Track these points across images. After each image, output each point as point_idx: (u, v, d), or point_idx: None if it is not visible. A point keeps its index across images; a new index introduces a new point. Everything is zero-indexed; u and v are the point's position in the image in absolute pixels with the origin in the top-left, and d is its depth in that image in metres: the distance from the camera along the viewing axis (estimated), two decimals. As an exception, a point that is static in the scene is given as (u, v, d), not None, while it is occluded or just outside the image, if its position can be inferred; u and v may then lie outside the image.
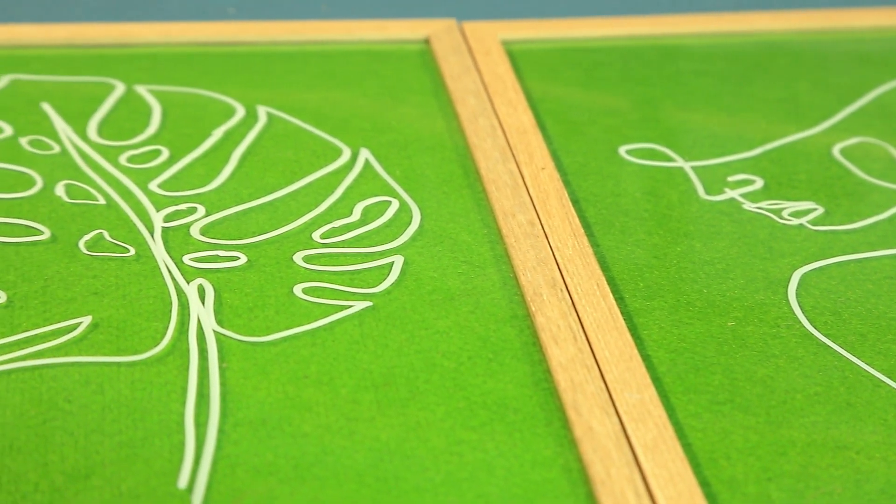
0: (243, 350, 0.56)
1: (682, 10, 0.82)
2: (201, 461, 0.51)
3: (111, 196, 0.64)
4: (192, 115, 0.70)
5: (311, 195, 0.65)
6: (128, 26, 0.75)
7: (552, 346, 0.56)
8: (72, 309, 0.57)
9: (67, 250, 0.60)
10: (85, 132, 0.68)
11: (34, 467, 0.50)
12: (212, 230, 0.62)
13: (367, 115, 0.71)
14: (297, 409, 0.54)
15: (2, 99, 0.70)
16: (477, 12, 0.80)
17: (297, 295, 0.59)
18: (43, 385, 0.54)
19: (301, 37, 0.76)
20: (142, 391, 0.54)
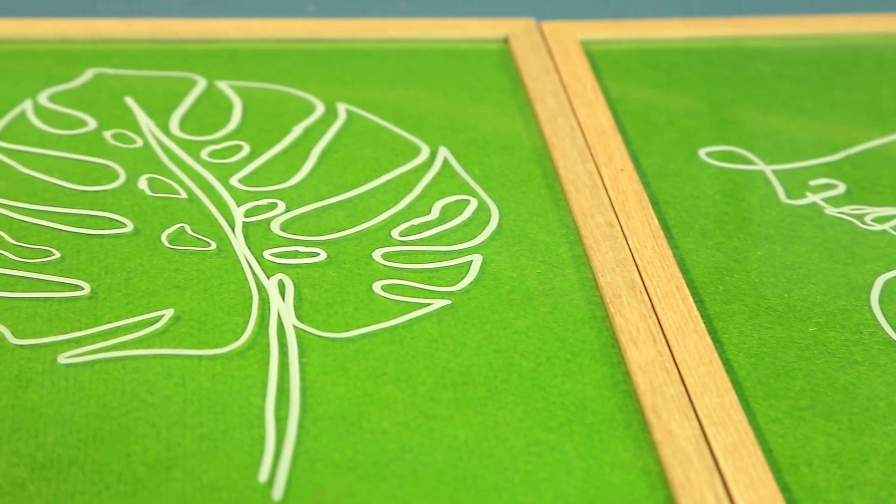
0: (323, 346, 0.56)
1: (761, 12, 0.81)
2: (281, 455, 0.51)
3: (193, 190, 0.64)
4: (272, 111, 0.70)
5: (389, 193, 0.65)
6: (209, 22, 0.76)
7: (631, 348, 0.56)
8: (154, 301, 0.58)
9: (150, 243, 0.61)
10: (167, 126, 0.68)
11: (117, 458, 0.51)
12: (292, 226, 0.63)
13: (445, 113, 0.71)
14: (375, 405, 0.54)
15: (86, 93, 0.70)
16: (556, 12, 0.80)
17: (376, 292, 0.59)
18: (126, 376, 0.54)
19: (380, 35, 0.76)
20: (223, 384, 0.54)
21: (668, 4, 0.83)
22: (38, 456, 0.50)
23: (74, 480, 0.50)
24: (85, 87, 0.71)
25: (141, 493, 0.50)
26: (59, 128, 0.68)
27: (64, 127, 0.68)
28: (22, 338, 0.55)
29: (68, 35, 0.74)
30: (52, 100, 0.69)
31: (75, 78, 0.71)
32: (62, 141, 0.67)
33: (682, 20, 0.79)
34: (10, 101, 0.69)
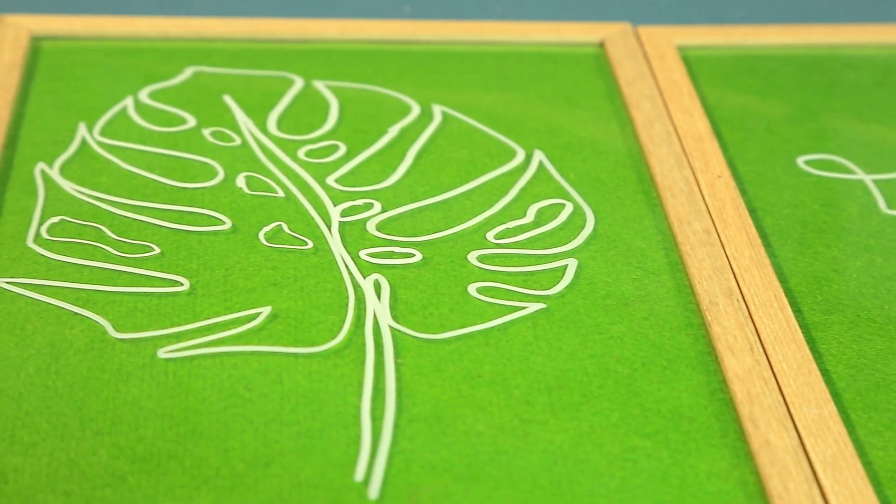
0: (418, 347, 0.57)
1: (860, 19, 0.80)
2: (377, 455, 0.51)
3: (290, 189, 0.65)
4: (368, 111, 0.71)
5: (485, 195, 0.65)
6: (307, 22, 0.76)
7: (728, 356, 0.56)
8: (252, 299, 0.58)
9: (247, 241, 0.62)
10: (265, 125, 0.69)
11: (216, 453, 0.51)
12: (387, 226, 0.63)
13: (540, 116, 0.71)
14: (470, 407, 0.54)
15: (185, 90, 0.71)
16: (652, 17, 0.79)
17: (472, 294, 0.59)
18: (224, 372, 0.55)
19: (475, 37, 0.77)
20: (319, 383, 0.55)
21: (766, 10, 0.82)
22: (139, 449, 0.51)
23: (174, 474, 0.50)
24: (184, 85, 0.72)
25: (239, 489, 0.50)
26: (160, 125, 0.68)
27: (164, 124, 0.68)
28: (123, 332, 0.56)
29: (169, 33, 0.74)
30: (153, 97, 0.70)
31: (175, 76, 0.72)
32: (162, 138, 0.68)
33: (780, 26, 0.78)
34: (112, 97, 0.70)
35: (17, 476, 0.50)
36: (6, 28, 0.72)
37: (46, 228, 0.61)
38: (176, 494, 0.50)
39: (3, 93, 0.68)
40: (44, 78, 0.71)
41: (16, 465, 0.50)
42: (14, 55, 0.71)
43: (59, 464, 0.50)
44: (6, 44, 0.71)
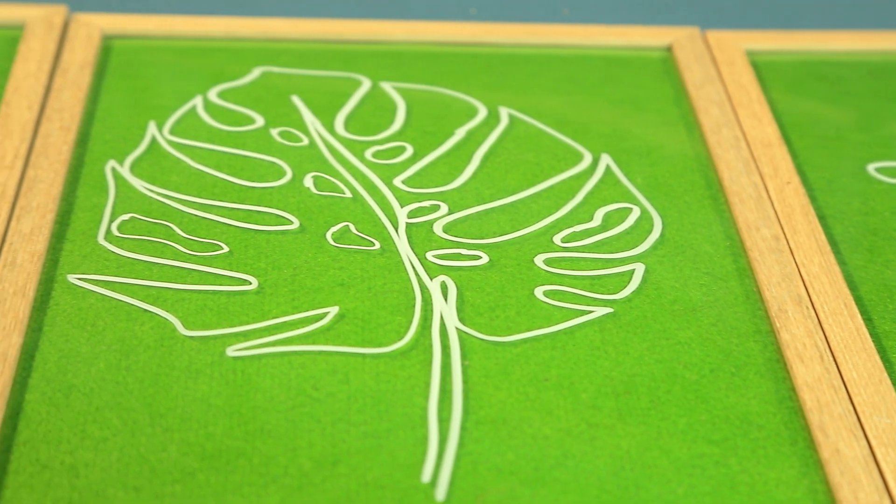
0: (485, 349, 0.57)
1: (932, 25, 0.80)
2: (444, 456, 0.52)
3: (357, 190, 0.65)
4: (435, 113, 0.71)
5: (551, 198, 0.65)
6: (374, 23, 0.76)
7: (797, 364, 0.55)
8: (319, 298, 0.59)
9: (315, 241, 0.62)
10: (332, 126, 0.69)
11: (284, 451, 0.52)
12: (454, 228, 0.63)
13: (607, 120, 0.71)
14: (537, 411, 0.54)
15: (254, 90, 0.71)
16: (721, 21, 0.79)
17: (538, 297, 0.59)
18: (292, 371, 0.55)
19: (542, 40, 0.76)
20: (386, 383, 0.55)
21: (836, 16, 0.81)
22: (208, 446, 0.51)
23: (242, 472, 0.51)
24: (253, 85, 0.72)
25: (307, 488, 0.50)
26: (228, 124, 0.69)
27: (232, 123, 0.69)
28: (192, 329, 0.56)
29: (238, 33, 0.75)
30: (222, 96, 0.71)
31: (244, 76, 0.72)
32: (231, 137, 0.68)
33: (850, 32, 0.78)
34: (182, 96, 0.70)
35: (87, 471, 0.50)
36: (79, 27, 0.73)
37: (117, 226, 0.62)
38: (244, 492, 0.50)
39: (76, 91, 0.69)
40: (115, 76, 0.72)
41: (87, 460, 0.50)
42: (86, 54, 0.71)
43: (130, 459, 0.51)
44: (78, 42, 0.72)
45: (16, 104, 0.67)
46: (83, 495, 0.49)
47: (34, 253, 0.59)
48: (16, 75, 0.69)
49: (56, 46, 0.72)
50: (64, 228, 0.61)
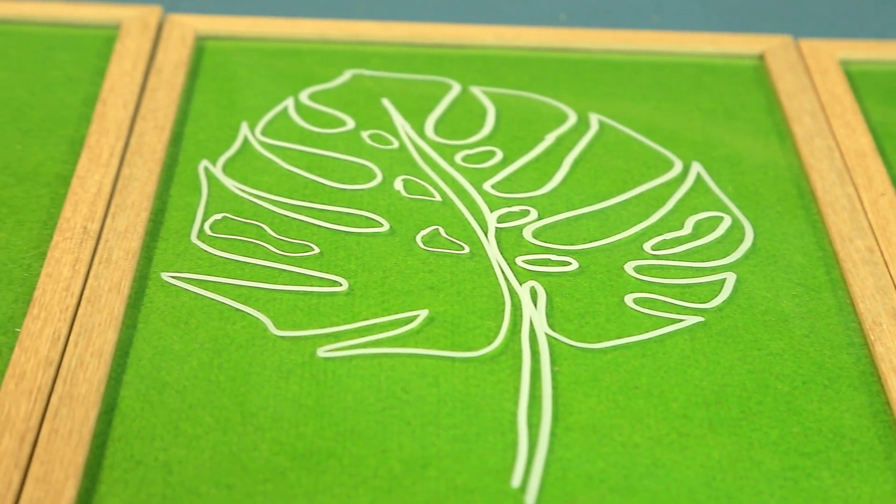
0: (574, 355, 0.56)
1: None
2: (534, 462, 0.51)
3: (447, 193, 0.65)
4: (524, 118, 0.71)
5: (641, 206, 0.65)
6: (464, 28, 0.77)
7: (893, 377, 0.55)
8: (409, 301, 0.59)
9: (405, 244, 0.62)
10: (422, 129, 0.69)
11: (374, 453, 0.52)
12: (544, 234, 0.63)
13: (698, 128, 0.70)
14: (627, 418, 0.54)
15: (344, 93, 0.72)
16: (814, 30, 0.78)
17: (628, 304, 0.59)
18: (382, 373, 0.55)
19: (632, 46, 0.76)
20: (475, 387, 0.55)
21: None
22: (299, 446, 0.52)
23: (333, 472, 0.51)
24: (343, 88, 0.72)
25: (396, 490, 0.50)
26: (319, 126, 0.69)
27: (323, 125, 0.69)
28: (283, 329, 0.57)
29: (329, 36, 0.75)
30: (313, 98, 0.71)
31: (335, 78, 0.73)
32: (321, 139, 0.68)
33: (946, 42, 0.77)
34: (273, 98, 0.71)
35: (181, 467, 0.51)
36: (173, 27, 0.74)
37: (209, 225, 0.62)
38: (335, 492, 0.50)
39: (169, 91, 0.69)
40: (208, 77, 0.72)
41: (180, 457, 0.51)
42: (180, 54, 0.72)
43: (222, 457, 0.51)
44: (172, 43, 0.73)
45: (111, 103, 0.68)
46: (176, 491, 0.50)
47: (129, 250, 0.59)
48: (112, 74, 0.70)
49: (151, 46, 0.73)
50: (158, 227, 0.62)
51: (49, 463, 0.49)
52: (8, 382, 0.52)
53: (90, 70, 0.71)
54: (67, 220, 0.61)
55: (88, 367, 0.54)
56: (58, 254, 0.59)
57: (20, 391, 0.52)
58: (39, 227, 0.61)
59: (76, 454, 0.50)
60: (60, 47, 0.73)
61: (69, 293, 0.57)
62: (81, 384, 0.53)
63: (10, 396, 0.52)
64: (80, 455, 0.50)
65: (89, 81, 0.71)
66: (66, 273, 0.58)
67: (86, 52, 0.73)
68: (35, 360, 0.53)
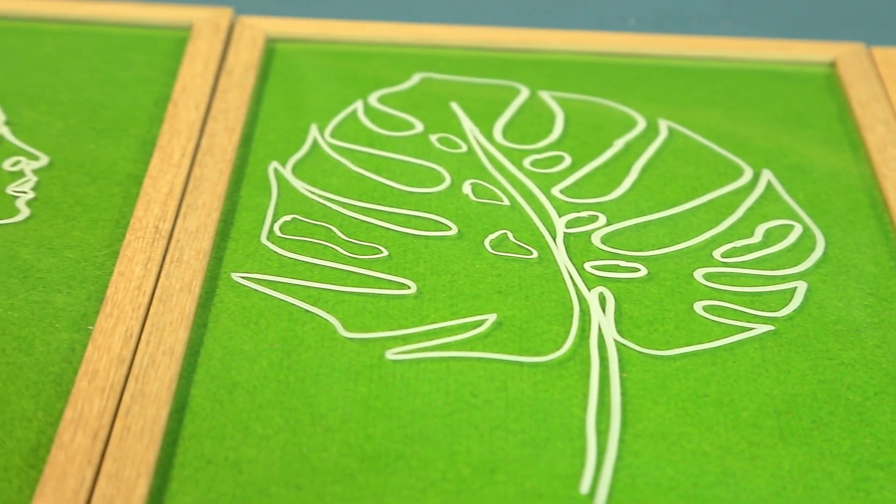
0: (643, 362, 0.56)
1: None
2: (602, 468, 0.51)
3: (515, 198, 0.65)
4: (593, 123, 0.71)
5: (711, 213, 0.65)
6: (533, 32, 0.76)
7: (967, 390, 0.54)
8: (477, 305, 0.59)
9: (473, 248, 0.62)
10: (491, 133, 0.69)
11: (442, 456, 0.52)
12: (612, 239, 0.63)
13: (768, 135, 0.70)
14: (696, 426, 0.53)
15: (413, 96, 0.72)
16: (887, 38, 0.77)
17: (698, 312, 0.59)
18: (450, 377, 0.55)
19: (702, 52, 0.76)
20: (544, 392, 0.55)
21: None
22: (367, 448, 0.52)
23: (401, 475, 0.51)
24: (412, 91, 0.72)
25: (464, 494, 0.50)
26: (388, 129, 0.69)
27: (392, 128, 0.69)
28: (352, 331, 0.57)
29: (398, 39, 0.75)
30: (382, 101, 0.71)
31: (403, 81, 0.73)
32: (390, 142, 0.69)
33: None
34: (343, 100, 0.71)
35: (251, 467, 0.51)
36: (243, 29, 0.74)
37: (279, 226, 0.62)
38: (403, 495, 0.50)
39: (240, 92, 0.70)
40: (277, 79, 0.73)
41: (250, 457, 0.51)
42: (250, 56, 0.73)
43: (291, 457, 0.51)
44: (243, 45, 0.73)
45: (183, 104, 0.69)
46: (246, 491, 0.50)
47: (200, 250, 0.60)
48: (183, 75, 0.71)
49: (222, 48, 0.73)
50: (228, 227, 0.62)
51: (121, 460, 0.50)
52: (81, 379, 0.53)
53: (162, 71, 0.72)
54: (140, 219, 0.61)
55: (160, 365, 0.54)
56: (130, 252, 0.59)
57: (93, 388, 0.53)
58: (112, 226, 0.62)
59: (148, 452, 0.50)
60: (133, 48, 0.74)
61: (141, 292, 0.57)
62: (153, 382, 0.53)
63: (84, 393, 0.52)
64: (152, 453, 0.50)
65: (161, 82, 0.71)
66: (139, 272, 0.58)
67: (158, 53, 0.73)
68: (108, 357, 0.54)
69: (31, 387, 0.53)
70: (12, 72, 0.71)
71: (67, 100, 0.70)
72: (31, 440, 0.51)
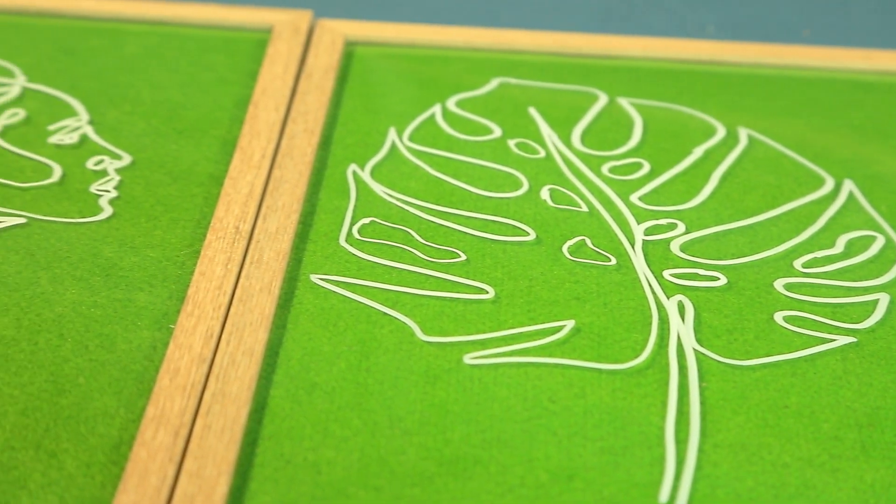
0: (722, 372, 0.56)
1: None
2: (682, 478, 0.51)
3: (593, 204, 0.65)
4: (672, 130, 0.70)
5: (792, 222, 0.64)
6: (611, 38, 0.76)
7: None
8: (555, 311, 0.59)
9: (551, 253, 0.62)
10: (569, 139, 0.69)
11: (520, 462, 0.52)
12: (691, 248, 0.62)
13: (850, 145, 0.69)
14: (776, 437, 0.53)
15: (491, 101, 0.72)
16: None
17: (778, 322, 0.58)
18: (528, 383, 0.55)
19: (782, 61, 0.75)
20: (622, 400, 0.54)
21: None
22: (446, 452, 0.52)
23: (479, 479, 0.51)
24: (490, 96, 0.72)
25: (543, 500, 0.50)
26: (466, 133, 0.69)
27: (470, 133, 0.69)
28: (430, 335, 0.57)
29: (476, 44, 0.75)
30: (460, 105, 0.71)
31: (482, 86, 0.73)
32: (468, 146, 0.69)
33: None
34: (421, 104, 0.71)
35: (329, 468, 0.51)
36: (323, 32, 0.75)
37: (358, 229, 0.63)
38: (482, 499, 0.50)
39: (319, 95, 0.70)
40: (356, 82, 0.73)
41: (329, 458, 0.51)
42: (330, 59, 0.73)
43: (370, 460, 0.51)
44: (323, 48, 0.74)
45: (263, 105, 0.69)
46: (325, 492, 0.50)
47: (279, 251, 0.60)
48: (263, 77, 0.71)
49: (301, 51, 0.73)
50: (307, 229, 0.62)
51: (202, 458, 0.50)
52: (163, 377, 0.53)
53: (242, 73, 0.73)
54: (220, 219, 0.62)
55: (240, 365, 0.54)
56: (211, 253, 0.60)
57: (174, 386, 0.53)
58: (193, 226, 0.62)
59: (228, 451, 0.51)
60: (214, 49, 0.74)
61: (222, 292, 0.58)
62: (233, 382, 0.53)
63: (165, 392, 0.53)
64: (232, 452, 0.51)
65: (241, 84, 0.72)
66: (219, 272, 0.59)
67: (238, 54, 0.74)
68: (189, 356, 0.54)
69: (114, 384, 0.54)
70: (96, 72, 0.72)
71: (149, 100, 0.70)
72: (114, 437, 0.52)
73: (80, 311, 0.57)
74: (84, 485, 0.50)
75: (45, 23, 0.76)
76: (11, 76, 0.71)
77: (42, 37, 0.74)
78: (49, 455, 0.51)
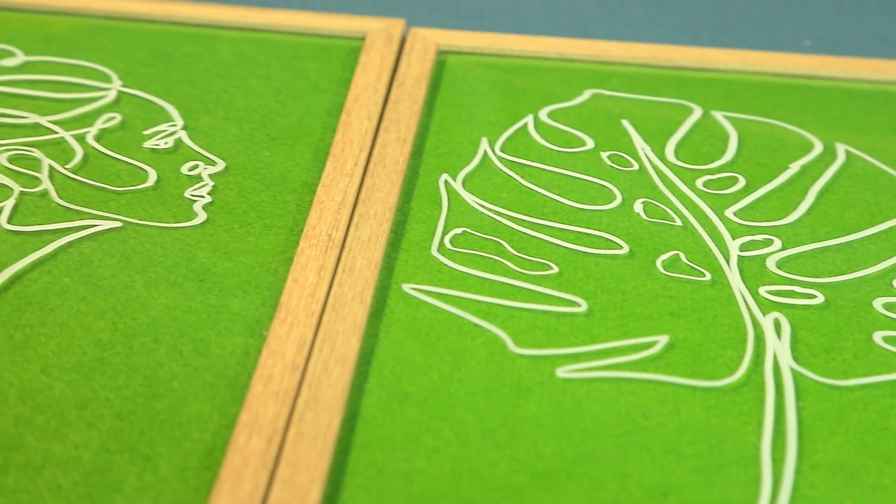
0: (819, 391, 0.55)
1: None
2: (778, 499, 0.50)
3: (687, 218, 0.64)
4: (768, 145, 0.69)
5: (891, 241, 0.63)
6: (706, 51, 0.75)
7: None
8: (648, 326, 0.58)
9: (644, 267, 0.61)
10: (663, 152, 0.68)
11: (613, 478, 0.51)
12: (788, 264, 0.61)
13: (951, 163, 0.68)
14: (875, 459, 0.52)
15: (584, 112, 0.71)
16: None
17: (877, 342, 0.57)
18: (621, 398, 0.54)
19: (883, 76, 0.74)
20: (717, 418, 0.54)
21: None
22: (538, 465, 0.51)
23: (571, 494, 0.50)
24: (583, 107, 0.72)
25: (637, 517, 0.50)
26: (558, 144, 0.69)
27: (563, 144, 0.69)
28: (522, 347, 0.57)
29: (569, 54, 0.75)
30: (552, 116, 0.71)
31: (574, 97, 0.72)
32: (561, 158, 0.68)
33: None
34: (513, 114, 0.71)
35: (421, 479, 0.51)
36: (415, 40, 0.75)
37: (449, 239, 0.62)
38: (575, 515, 0.50)
39: (411, 103, 0.70)
40: (448, 91, 0.73)
41: (420, 468, 0.51)
42: (422, 67, 0.73)
43: (462, 471, 0.51)
44: (415, 56, 0.74)
45: (356, 113, 0.69)
46: (417, 502, 0.50)
47: (371, 260, 0.60)
48: (356, 85, 0.71)
49: (394, 59, 0.73)
50: (399, 238, 0.62)
51: (295, 465, 0.50)
52: (256, 384, 0.53)
53: (335, 80, 0.73)
54: (313, 227, 0.62)
55: (333, 373, 0.54)
56: (304, 260, 0.60)
57: (268, 393, 0.53)
58: (286, 233, 0.62)
59: (321, 458, 0.50)
60: (307, 56, 0.75)
61: (314, 299, 0.58)
62: (326, 390, 0.53)
63: (258, 398, 0.53)
64: (325, 460, 0.50)
65: (334, 91, 0.72)
66: (312, 279, 0.59)
67: (331, 61, 0.74)
68: (282, 363, 0.54)
69: (207, 389, 0.54)
70: (190, 77, 0.72)
71: (243, 106, 0.71)
72: (207, 442, 0.52)
73: (174, 315, 0.57)
74: (178, 489, 0.50)
75: (141, 28, 0.76)
76: (108, 81, 0.72)
77: (137, 42, 0.75)
78: (144, 459, 0.51)
